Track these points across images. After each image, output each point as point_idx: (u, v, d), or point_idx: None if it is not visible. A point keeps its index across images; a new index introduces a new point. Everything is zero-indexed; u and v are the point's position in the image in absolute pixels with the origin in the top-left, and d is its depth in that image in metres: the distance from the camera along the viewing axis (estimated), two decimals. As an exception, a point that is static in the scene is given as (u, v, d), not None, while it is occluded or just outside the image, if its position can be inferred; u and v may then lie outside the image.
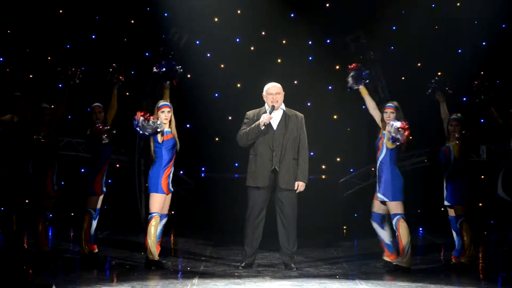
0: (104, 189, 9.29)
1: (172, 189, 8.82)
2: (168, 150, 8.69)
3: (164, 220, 8.80)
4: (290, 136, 8.56)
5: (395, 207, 8.80)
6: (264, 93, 8.69)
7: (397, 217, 8.80)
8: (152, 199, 8.68)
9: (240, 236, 8.90)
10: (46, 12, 14.28)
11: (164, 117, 8.71)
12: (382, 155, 8.92)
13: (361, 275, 8.35)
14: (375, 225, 9.03)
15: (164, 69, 9.23)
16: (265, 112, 8.61)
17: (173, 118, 8.84)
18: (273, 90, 8.63)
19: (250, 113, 8.76)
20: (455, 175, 9.12)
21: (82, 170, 9.17)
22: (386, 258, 9.01)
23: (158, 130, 8.55)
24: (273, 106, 8.57)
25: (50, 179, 9.33)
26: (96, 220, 9.19)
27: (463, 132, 9.14)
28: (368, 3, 14.20)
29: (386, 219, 9.01)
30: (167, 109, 8.76)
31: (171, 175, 8.77)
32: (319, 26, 14.44)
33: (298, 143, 8.62)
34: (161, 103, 8.84)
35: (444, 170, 9.23)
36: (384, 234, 9.01)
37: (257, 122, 8.53)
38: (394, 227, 8.83)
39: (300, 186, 8.62)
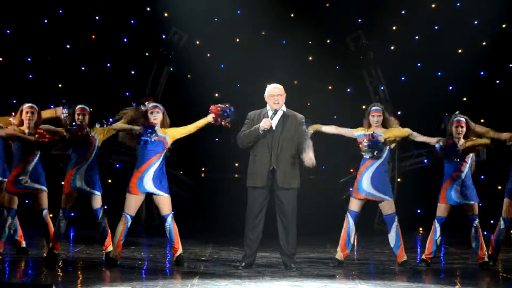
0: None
1: (146, 190, 8.75)
2: (144, 151, 8.74)
3: (129, 222, 8.83)
4: (287, 135, 8.52)
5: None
6: (266, 94, 8.66)
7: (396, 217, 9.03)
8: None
9: (240, 236, 8.90)
10: (46, 12, 14.29)
11: (154, 118, 8.78)
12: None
13: (361, 275, 8.34)
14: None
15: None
16: (266, 113, 8.60)
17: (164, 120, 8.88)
18: (274, 92, 8.60)
19: (251, 114, 8.74)
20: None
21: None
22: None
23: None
24: (275, 111, 8.54)
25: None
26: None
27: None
28: (368, 3, 14.22)
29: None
30: (156, 110, 8.82)
31: (144, 175, 8.72)
32: (319, 26, 14.45)
33: (296, 141, 8.57)
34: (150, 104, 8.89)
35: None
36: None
37: (257, 126, 8.51)
38: (397, 228, 8.99)
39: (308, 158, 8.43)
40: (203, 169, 15.14)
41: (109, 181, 13.57)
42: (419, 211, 14.17)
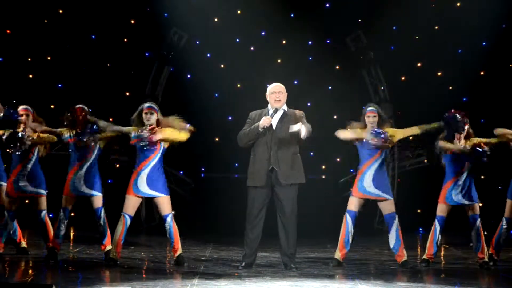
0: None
1: (142, 193, 8.76)
2: (140, 151, 8.75)
3: (128, 222, 8.83)
4: (287, 134, 8.52)
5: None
6: (267, 93, 8.68)
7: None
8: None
9: (240, 236, 8.90)
10: (46, 12, 14.29)
11: (147, 119, 8.79)
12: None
13: (361, 275, 8.34)
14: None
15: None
16: (267, 112, 8.60)
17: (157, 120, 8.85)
18: (276, 89, 8.61)
19: (253, 113, 8.75)
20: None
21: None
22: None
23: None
24: (276, 109, 8.55)
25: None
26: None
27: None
28: (368, 3, 14.22)
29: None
30: (150, 111, 8.82)
31: (140, 175, 8.74)
32: (319, 26, 14.45)
33: (296, 140, 8.56)
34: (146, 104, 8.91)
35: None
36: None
37: (257, 124, 8.52)
38: (397, 226, 8.97)
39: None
40: (203, 169, 15.14)
41: (109, 180, 13.57)
42: (419, 211, 14.16)
